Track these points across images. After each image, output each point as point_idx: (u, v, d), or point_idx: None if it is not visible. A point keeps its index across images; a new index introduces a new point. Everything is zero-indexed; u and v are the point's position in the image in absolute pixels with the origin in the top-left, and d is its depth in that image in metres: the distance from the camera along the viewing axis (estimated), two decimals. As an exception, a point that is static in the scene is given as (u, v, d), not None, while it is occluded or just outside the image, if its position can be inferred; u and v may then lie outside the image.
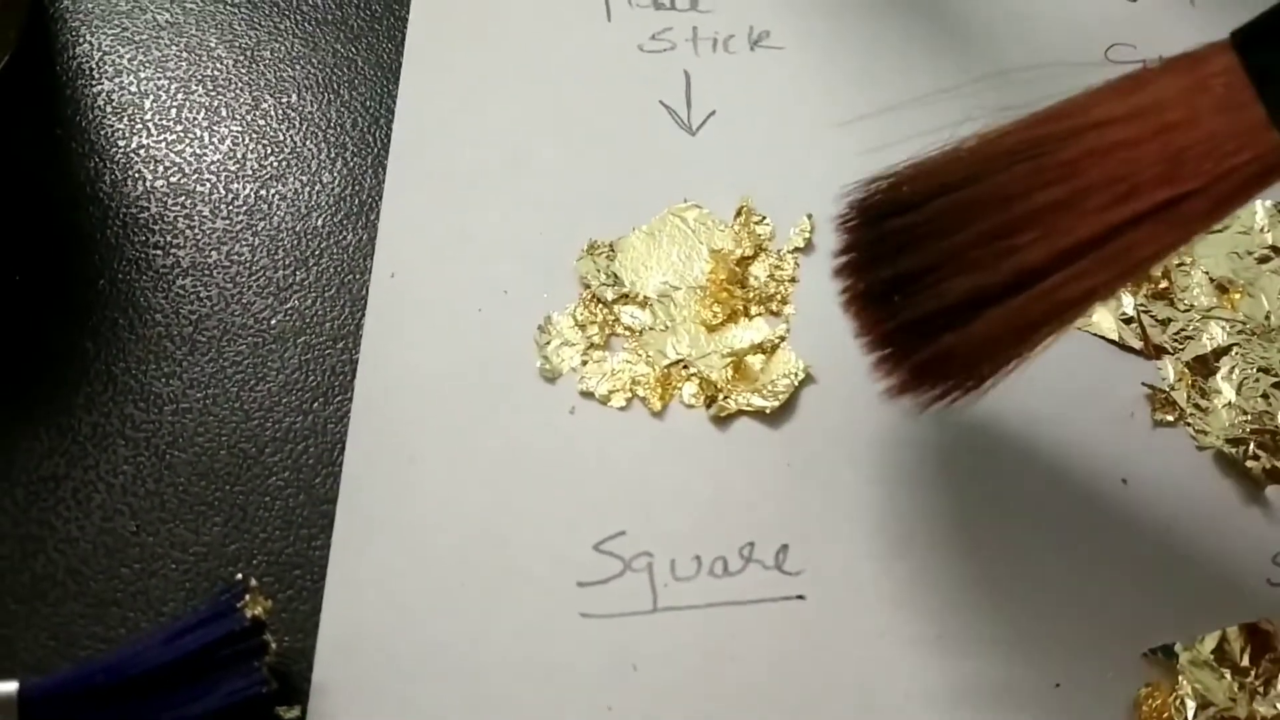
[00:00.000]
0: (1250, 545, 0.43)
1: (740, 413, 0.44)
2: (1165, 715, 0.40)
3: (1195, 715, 0.39)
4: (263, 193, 0.48)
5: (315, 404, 0.44)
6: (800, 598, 0.42)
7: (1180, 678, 0.40)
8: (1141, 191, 0.33)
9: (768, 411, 0.44)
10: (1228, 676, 0.40)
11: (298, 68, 0.51)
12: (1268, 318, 0.46)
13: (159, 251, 0.47)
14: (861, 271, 0.38)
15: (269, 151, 0.49)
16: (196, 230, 0.47)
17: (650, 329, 0.46)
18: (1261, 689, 0.40)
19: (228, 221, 0.48)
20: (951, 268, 0.35)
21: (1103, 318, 0.46)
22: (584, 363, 0.45)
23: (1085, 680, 0.40)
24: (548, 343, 0.45)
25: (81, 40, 0.51)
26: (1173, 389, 0.45)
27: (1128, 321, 0.46)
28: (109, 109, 0.50)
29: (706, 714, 0.40)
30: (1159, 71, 0.34)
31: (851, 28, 0.52)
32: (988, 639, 0.41)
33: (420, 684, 0.40)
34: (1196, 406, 0.44)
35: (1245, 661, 0.40)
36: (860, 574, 0.42)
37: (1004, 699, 0.40)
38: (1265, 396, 0.44)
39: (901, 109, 0.49)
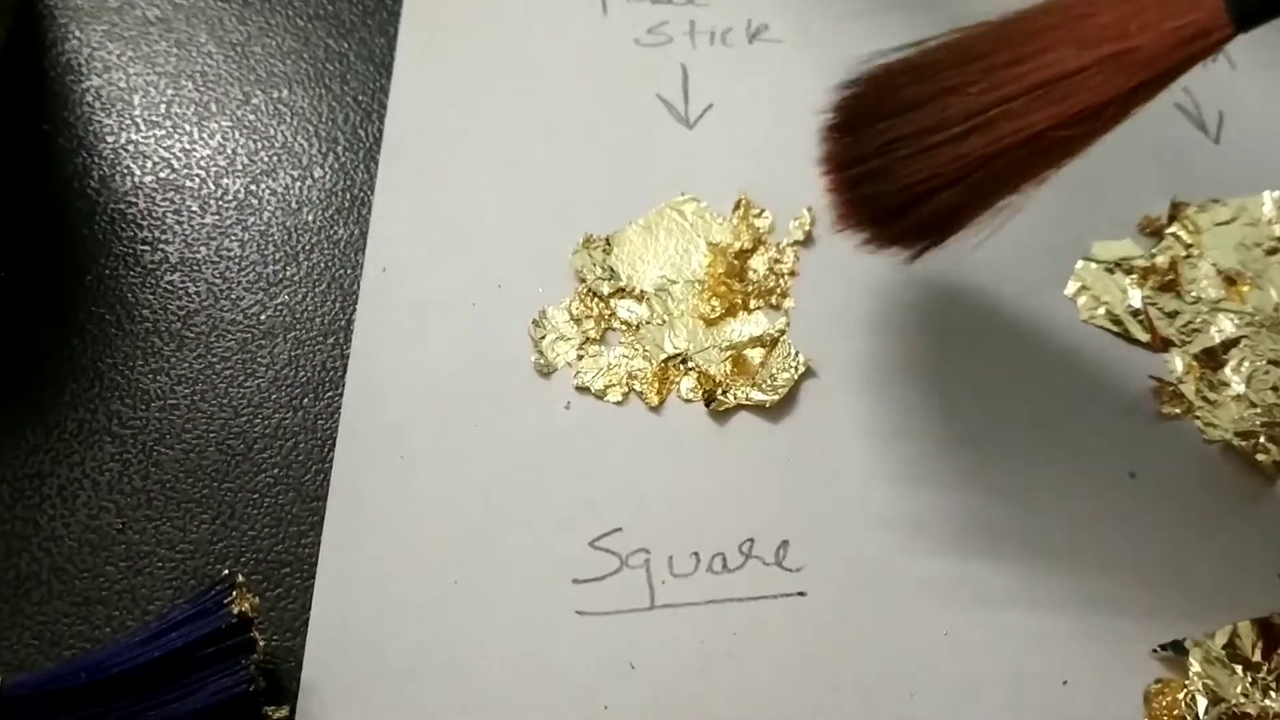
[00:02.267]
0: (1261, 539, 0.42)
1: (739, 407, 0.44)
2: (1176, 712, 0.39)
3: (1207, 711, 0.38)
4: (253, 188, 0.47)
5: (305, 400, 0.44)
6: (801, 594, 0.41)
7: (1191, 673, 0.39)
8: (1089, 46, 0.35)
9: (767, 406, 0.43)
10: (1239, 672, 0.39)
11: (289, 62, 0.50)
12: (1277, 309, 0.45)
13: (147, 247, 0.46)
14: (836, 144, 0.40)
15: (259, 146, 0.48)
16: (185, 225, 0.47)
17: (647, 323, 0.45)
18: (1274, 684, 0.39)
19: (217, 217, 0.47)
20: (906, 119, 0.37)
21: (1109, 310, 0.45)
22: (579, 357, 0.44)
23: (1094, 677, 0.40)
24: (542, 337, 0.45)
25: (70, 36, 0.50)
26: (1180, 381, 0.44)
27: (1135, 314, 0.45)
28: (97, 104, 0.49)
29: (706, 713, 0.39)
30: None
31: (850, 20, 0.51)
32: (994, 635, 0.40)
33: (412, 684, 0.39)
34: (1205, 399, 0.44)
35: (1257, 657, 0.39)
36: (862, 570, 0.41)
37: (1011, 696, 0.39)
38: (1275, 389, 0.44)
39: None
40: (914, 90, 0.38)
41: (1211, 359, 0.44)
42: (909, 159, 0.37)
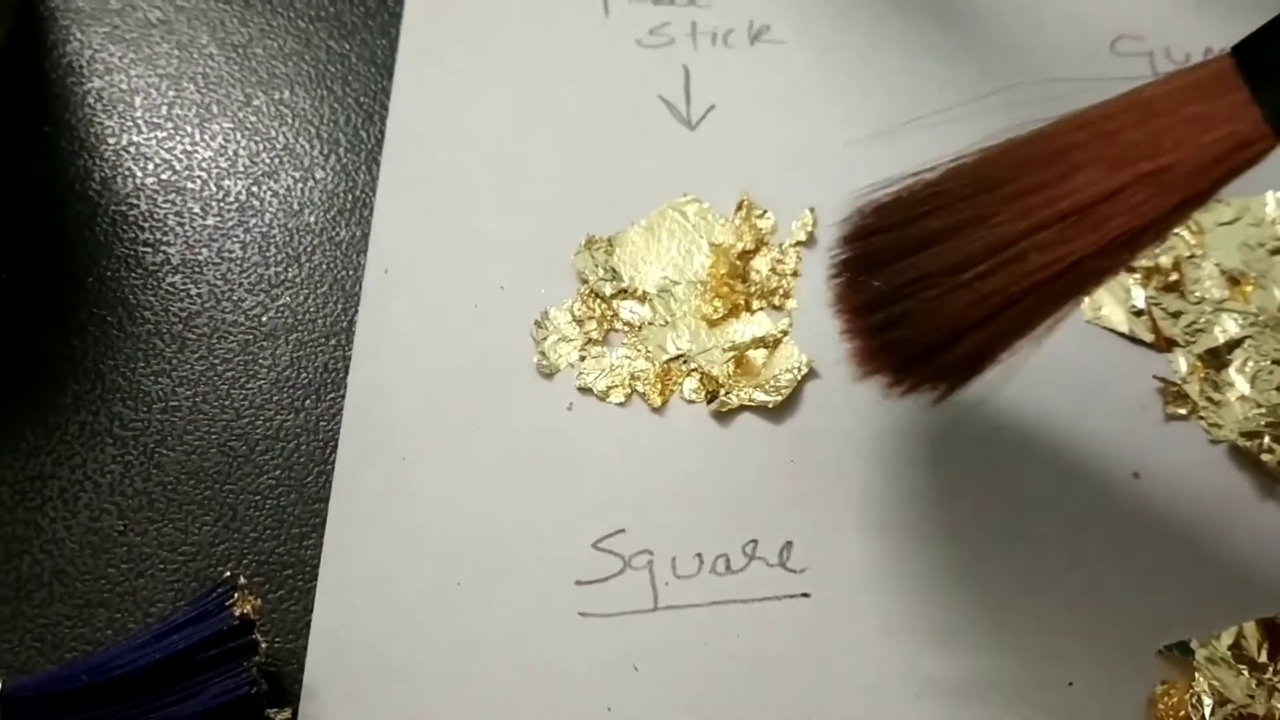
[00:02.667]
0: (1266, 539, 0.41)
1: (742, 408, 0.43)
2: (1182, 713, 0.38)
3: (1212, 713, 0.38)
4: (254, 189, 0.47)
5: (307, 402, 0.44)
6: (805, 596, 0.41)
7: (1196, 675, 0.39)
8: (1122, 166, 0.33)
9: (770, 407, 0.43)
10: (1245, 673, 0.39)
11: (290, 64, 0.50)
12: (1280, 309, 0.45)
13: (149, 249, 0.46)
14: (851, 285, 0.37)
15: (261, 148, 0.48)
16: (187, 227, 0.47)
17: (650, 324, 0.45)
18: (1280, 686, 0.39)
19: (219, 218, 0.47)
20: (929, 255, 0.35)
21: (1113, 311, 0.45)
22: (582, 358, 0.44)
23: (1099, 678, 0.39)
24: (545, 338, 0.44)
25: (71, 38, 0.50)
26: (1185, 382, 0.44)
27: (1138, 314, 0.45)
28: (99, 106, 0.49)
29: (709, 715, 0.39)
30: (1159, 80, 0.34)
31: (852, 20, 0.51)
32: (998, 637, 0.40)
33: (414, 686, 0.39)
34: (1209, 400, 0.43)
35: (1263, 658, 0.39)
36: (866, 571, 0.41)
37: (1016, 698, 0.39)
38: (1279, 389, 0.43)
39: (902, 100, 0.48)
40: (932, 222, 0.35)
41: (1216, 359, 0.44)
42: (932, 302, 0.35)
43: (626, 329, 0.45)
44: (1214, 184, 0.33)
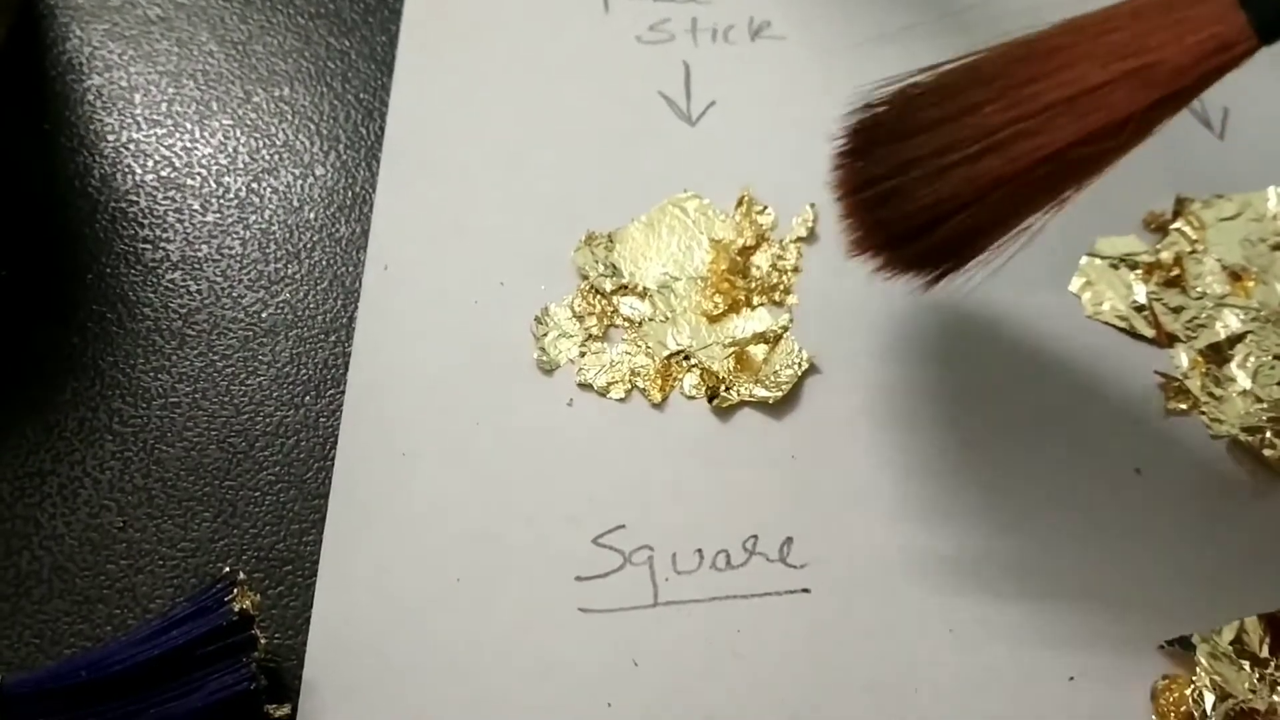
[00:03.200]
0: (1267, 533, 0.41)
1: (743, 404, 0.43)
2: (1183, 707, 0.38)
3: (1214, 707, 0.38)
4: (254, 186, 0.47)
5: (307, 398, 0.43)
6: (805, 591, 0.41)
7: (1198, 669, 0.39)
8: (1107, 63, 0.34)
9: (771, 402, 0.43)
10: (1247, 667, 0.39)
11: (290, 61, 0.50)
12: (1282, 304, 0.45)
13: (148, 245, 0.46)
14: (850, 169, 0.38)
15: (261, 145, 0.48)
16: (186, 224, 0.46)
17: (650, 320, 0.45)
18: (1283, 680, 0.39)
19: (218, 215, 0.47)
20: (920, 140, 0.36)
21: (1114, 306, 0.45)
22: (582, 354, 0.44)
23: (1101, 672, 0.39)
24: (545, 334, 0.44)
25: (71, 35, 0.50)
26: (1186, 377, 0.44)
27: (1139, 309, 0.45)
28: (99, 103, 0.49)
29: (709, 710, 0.39)
30: None
31: (852, 16, 0.51)
32: (1000, 632, 0.40)
33: (414, 682, 0.39)
34: (1210, 395, 0.43)
35: (1265, 652, 0.39)
36: (867, 566, 0.41)
37: (1018, 692, 0.39)
38: (1281, 384, 0.43)
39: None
40: (928, 113, 0.37)
41: (1217, 354, 0.44)
42: (924, 180, 0.36)
43: (627, 325, 0.45)
44: (1195, 83, 0.34)
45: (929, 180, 0.36)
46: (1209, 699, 0.38)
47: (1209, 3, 0.33)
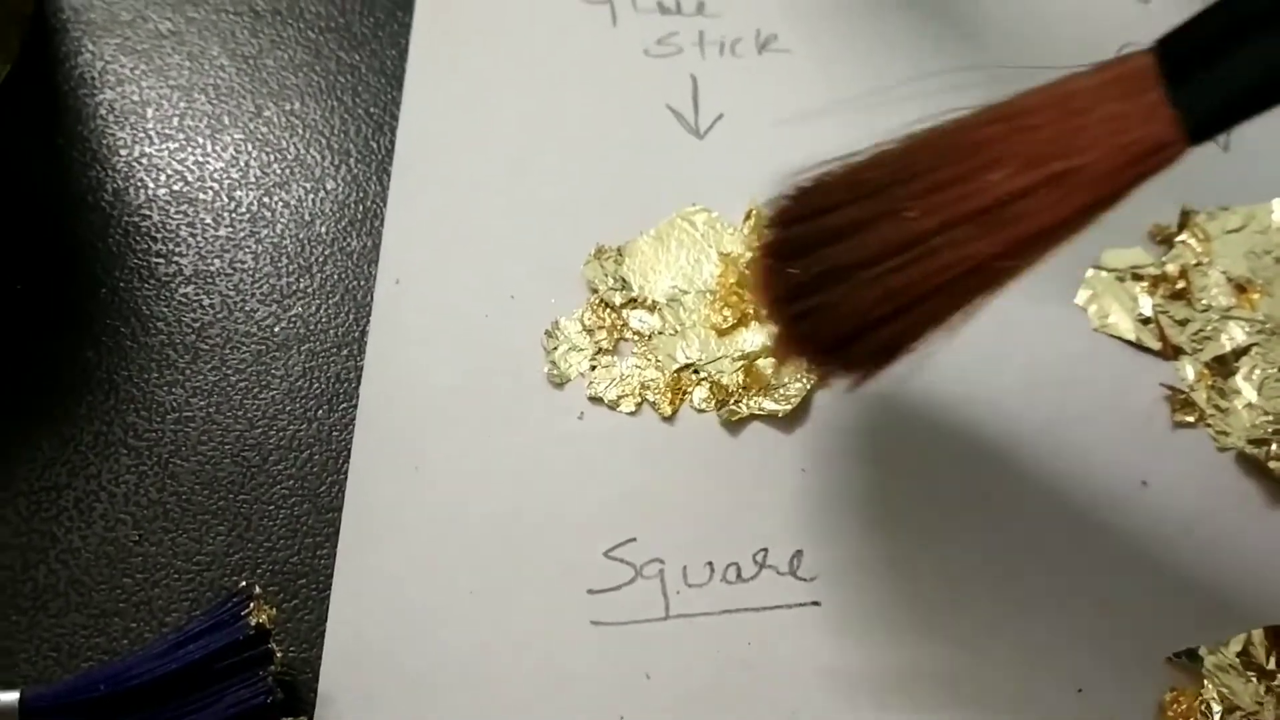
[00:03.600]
0: (1274, 546, 0.42)
1: (752, 417, 0.44)
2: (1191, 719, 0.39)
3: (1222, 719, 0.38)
4: (266, 200, 0.48)
5: (320, 411, 0.44)
6: (815, 604, 0.41)
7: (1205, 682, 0.39)
8: (1035, 165, 0.33)
9: (780, 415, 0.43)
10: (1254, 680, 0.39)
11: (300, 75, 0.50)
12: (1287, 317, 0.45)
13: (161, 260, 0.46)
14: (772, 272, 0.38)
15: (272, 159, 0.49)
16: (199, 238, 0.47)
17: (659, 333, 0.45)
18: (1289, 692, 0.39)
19: (230, 229, 0.47)
20: (845, 246, 0.35)
21: (1120, 318, 0.45)
22: (592, 368, 0.44)
23: (1108, 685, 0.40)
24: (555, 348, 0.45)
25: (83, 50, 0.51)
26: (1192, 390, 0.44)
27: (1145, 322, 0.45)
28: (111, 118, 0.49)
29: (721, 722, 0.39)
30: (1084, 71, 0.34)
31: (860, 29, 0.51)
32: (1009, 644, 0.40)
33: (428, 695, 0.39)
34: (1216, 407, 0.44)
35: (1271, 665, 0.39)
36: (876, 579, 0.41)
37: (1025, 705, 0.39)
38: (1286, 396, 0.44)
39: (909, 109, 0.48)
40: (849, 212, 0.35)
41: (1223, 367, 0.44)
42: (847, 295, 0.35)
43: (636, 338, 0.45)
44: (1126, 186, 0.33)
45: (852, 294, 0.35)
46: (1216, 711, 0.39)
47: (1139, 96, 0.32)
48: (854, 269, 0.35)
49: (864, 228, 0.35)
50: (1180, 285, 0.46)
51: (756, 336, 0.45)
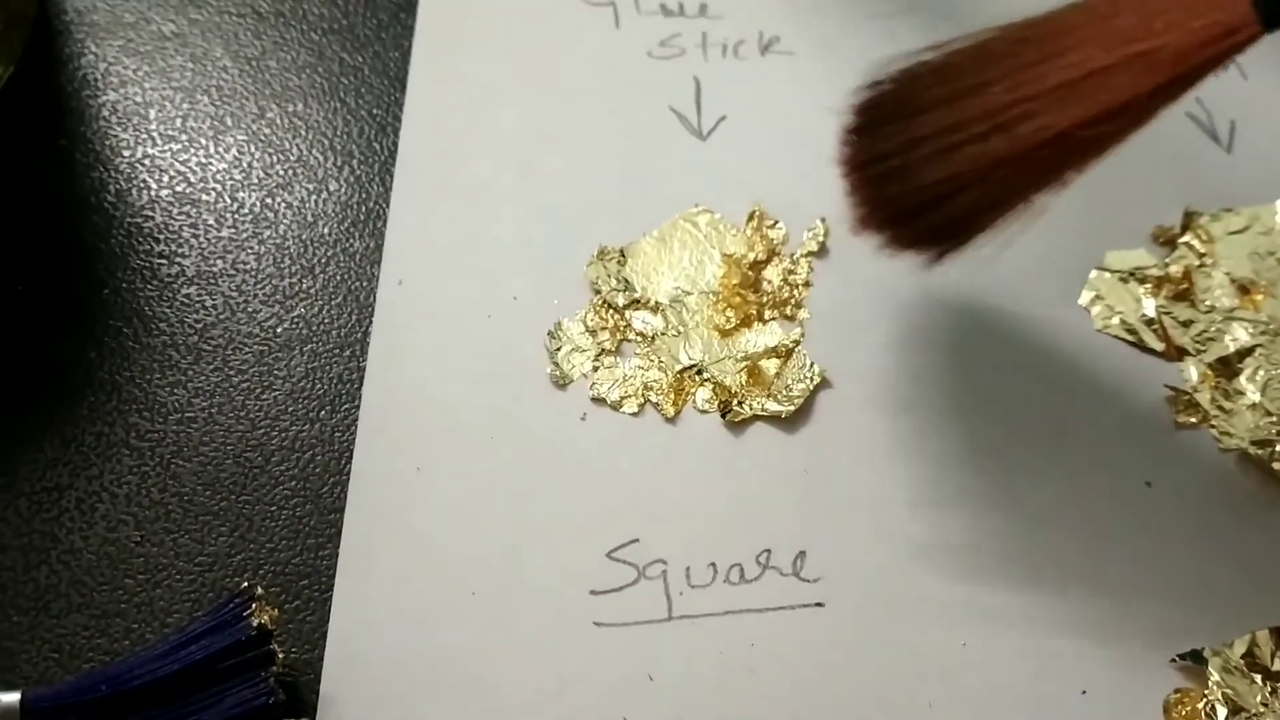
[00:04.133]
0: (1278, 546, 0.42)
1: (755, 418, 0.44)
2: (1196, 721, 0.39)
3: (1226, 721, 0.38)
4: (269, 201, 0.48)
5: (322, 412, 0.44)
6: (819, 605, 0.41)
7: (1210, 683, 0.39)
8: (1113, 46, 0.34)
9: (783, 416, 0.43)
10: (1258, 681, 0.39)
11: (303, 76, 0.50)
12: (1291, 318, 0.45)
13: (164, 260, 0.46)
14: (856, 145, 0.39)
15: (275, 160, 0.49)
16: (202, 239, 0.47)
17: (662, 334, 0.45)
18: (1294, 693, 0.39)
19: (233, 230, 0.47)
20: (928, 119, 0.37)
21: (1123, 319, 0.45)
22: (595, 369, 0.44)
23: (1112, 687, 0.40)
24: (558, 349, 0.45)
25: (86, 51, 0.51)
26: (1195, 391, 0.44)
27: (1149, 323, 0.45)
28: (114, 119, 0.49)
29: (724, 724, 0.39)
30: None
31: (862, 31, 0.51)
32: (1012, 646, 0.40)
33: (430, 696, 0.39)
34: (1220, 408, 0.44)
35: (1276, 665, 0.39)
36: (880, 580, 0.41)
37: (1030, 706, 0.39)
38: (1290, 398, 0.44)
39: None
40: (935, 91, 0.37)
41: (1226, 368, 0.44)
42: (928, 159, 0.37)
43: (639, 339, 0.45)
44: (1199, 67, 0.34)
45: (934, 159, 0.36)
46: (1221, 712, 0.39)
47: None
48: (935, 136, 0.36)
49: (946, 102, 0.36)
50: (1184, 286, 0.46)
51: (760, 337, 0.45)
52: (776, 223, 0.47)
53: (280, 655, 0.38)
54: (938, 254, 0.39)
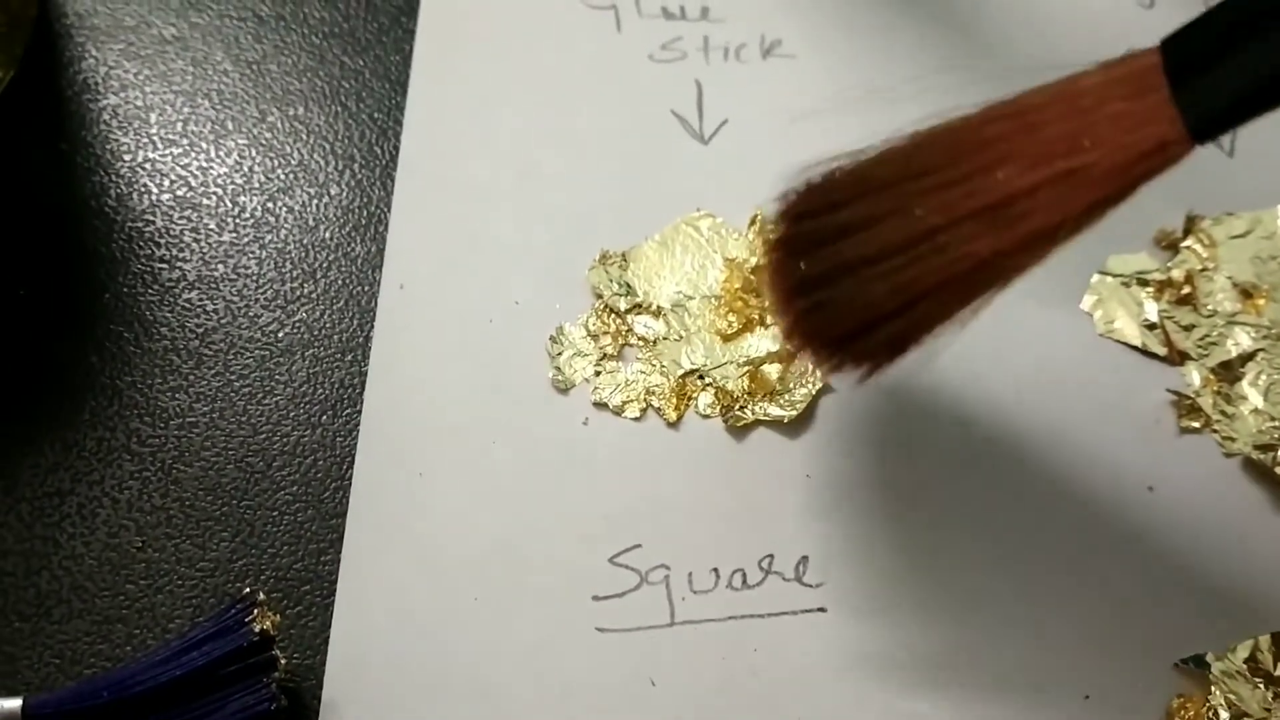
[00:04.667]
0: (1281, 552, 0.42)
1: (757, 423, 0.44)
2: (1199, 726, 0.39)
3: (1229, 726, 0.38)
4: (270, 205, 0.48)
5: (324, 417, 0.44)
6: (821, 610, 0.41)
7: (1213, 688, 0.39)
8: (1041, 163, 0.33)
9: (785, 421, 0.43)
10: (1261, 686, 0.39)
11: (304, 80, 0.50)
12: (1293, 322, 0.45)
13: (165, 265, 0.46)
14: (782, 267, 0.38)
15: (276, 164, 0.48)
16: (203, 243, 0.47)
17: (664, 339, 0.45)
18: (1297, 699, 0.39)
19: (234, 234, 0.47)
20: (853, 242, 0.36)
21: (1125, 324, 0.45)
22: (597, 373, 0.44)
23: (1115, 691, 0.40)
24: (560, 353, 0.45)
25: (87, 55, 0.50)
26: (1198, 395, 0.44)
27: (1151, 328, 0.45)
28: (114, 123, 0.49)
29: (727, 729, 0.39)
30: (1089, 70, 0.34)
31: (864, 34, 0.51)
32: (1015, 651, 0.40)
33: (432, 701, 0.39)
34: (1223, 413, 0.44)
35: (1279, 671, 0.39)
36: (882, 586, 0.41)
37: (1033, 711, 0.39)
38: (1293, 402, 0.44)
39: (914, 112, 0.48)
40: (857, 209, 0.36)
41: (1229, 372, 0.44)
42: (855, 290, 0.36)
43: (641, 344, 0.45)
44: (1131, 184, 0.33)
45: (860, 289, 0.35)
46: (1224, 717, 0.39)
47: (1145, 96, 0.32)
48: (862, 264, 0.35)
49: (872, 224, 0.35)
50: (1186, 290, 0.46)
51: (762, 342, 0.45)
52: (778, 227, 0.47)
53: (282, 661, 0.38)
54: (866, 373, 0.38)
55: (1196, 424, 0.44)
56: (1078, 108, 0.33)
